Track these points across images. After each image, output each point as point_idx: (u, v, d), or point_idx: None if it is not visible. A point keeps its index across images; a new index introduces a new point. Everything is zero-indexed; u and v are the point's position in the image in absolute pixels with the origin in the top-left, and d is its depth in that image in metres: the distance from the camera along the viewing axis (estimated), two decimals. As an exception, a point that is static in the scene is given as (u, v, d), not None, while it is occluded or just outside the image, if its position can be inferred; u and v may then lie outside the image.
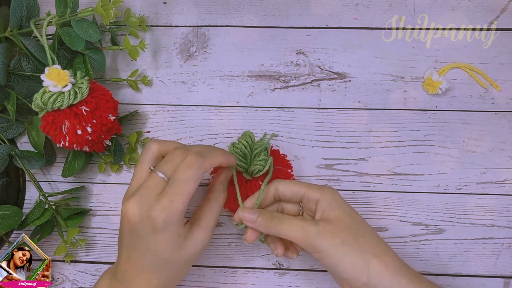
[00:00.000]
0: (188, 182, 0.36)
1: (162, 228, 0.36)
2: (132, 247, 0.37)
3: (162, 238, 0.36)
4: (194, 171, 0.36)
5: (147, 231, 0.36)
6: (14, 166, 0.48)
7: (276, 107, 0.50)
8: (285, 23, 0.51)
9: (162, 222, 0.35)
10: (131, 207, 0.36)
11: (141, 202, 0.36)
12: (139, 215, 0.36)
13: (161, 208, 0.35)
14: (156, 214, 0.35)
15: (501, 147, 0.48)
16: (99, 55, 0.48)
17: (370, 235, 0.39)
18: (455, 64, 0.49)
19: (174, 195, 0.36)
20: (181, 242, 0.37)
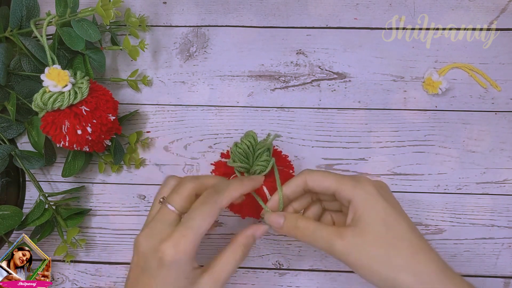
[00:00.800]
0: (203, 218, 0.34)
1: (170, 264, 0.33)
2: (135, 283, 0.35)
3: (167, 276, 0.33)
4: (209, 207, 0.34)
5: (153, 265, 0.34)
6: (14, 166, 0.48)
7: (276, 107, 0.50)
8: (285, 23, 0.51)
9: (170, 257, 0.33)
10: (141, 239, 0.35)
11: (150, 234, 0.35)
12: (148, 247, 0.34)
13: (172, 242, 0.33)
14: (165, 248, 0.33)
15: (501, 147, 0.48)
16: (99, 55, 0.48)
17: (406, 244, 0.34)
18: (455, 64, 0.49)
19: (187, 230, 0.34)
20: (187, 286, 0.34)
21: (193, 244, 0.34)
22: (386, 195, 0.36)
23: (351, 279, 0.48)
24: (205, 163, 0.49)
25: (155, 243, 0.34)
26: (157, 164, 0.50)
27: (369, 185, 0.35)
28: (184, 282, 0.34)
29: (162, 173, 0.50)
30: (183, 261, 0.33)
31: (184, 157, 0.50)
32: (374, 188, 0.35)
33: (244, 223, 0.49)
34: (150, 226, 0.35)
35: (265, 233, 0.38)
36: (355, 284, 0.47)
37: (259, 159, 0.42)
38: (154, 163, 0.50)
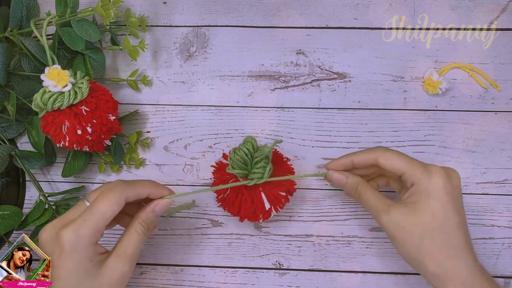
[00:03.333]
0: (107, 205, 0.35)
1: (70, 250, 0.33)
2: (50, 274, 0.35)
3: (70, 262, 0.34)
4: (114, 194, 0.35)
5: (55, 254, 0.34)
6: (14, 166, 0.48)
7: (276, 107, 0.50)
8: (285, 23, 0.51)
9: (69, 242, 0.33)
10: (44, 231, 0.35)
11: (54, 225, 0.35)
12: (50, 236, 0.35)
13: (72, 227, 0.34)
14: (63, 233, 0.34)
15: (501, 147, 0.48)
16: (99, 55, 0.48)
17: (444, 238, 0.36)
18: (455, 64, 0.49)
19: (89, 214, 0.34)
20: (93, 269, 0.34)
21: (94, 228, 0.34)
22: (450, 187, 0.37)
23: (351, 279, 0.48)
24: (205, 163, 0.49)
25: (56, 231, 0.34)
26: (157, 164, 0.50)
27: (437, 177, 0.37)
28: (88, 265, 0.34)
29: (162, 173, 0.50)
30: (84, 245, 0.34)
31: (184, 157, 0.50)
32: (441, 180, 0.37)
33: (243, 223, 0.49)
34: (59, 218, 0.36)
35: (168, 206, 0.39)
36: (355, 284, 0.47)
37: (256, 166, 0.42)
38: (154, 163, 0.50)
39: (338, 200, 0.48)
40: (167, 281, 0.48)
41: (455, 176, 0.38)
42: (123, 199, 0.36)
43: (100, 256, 0.35)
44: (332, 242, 0.48)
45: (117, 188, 0.36)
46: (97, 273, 0.34)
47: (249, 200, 0.42)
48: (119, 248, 0.36)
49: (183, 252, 0.49)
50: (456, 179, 0.38)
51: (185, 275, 0.48)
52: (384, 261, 0.48)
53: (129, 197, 0.36)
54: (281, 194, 0.43)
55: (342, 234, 0.48)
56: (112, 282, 0.35)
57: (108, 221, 0.35)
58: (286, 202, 0.44)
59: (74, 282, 0.34)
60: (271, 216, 0.43)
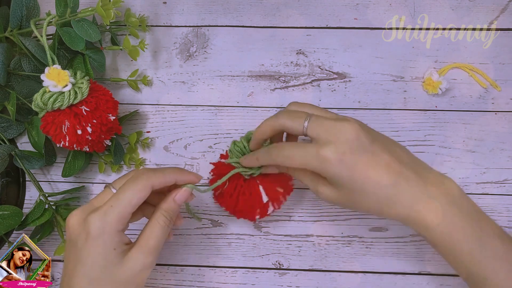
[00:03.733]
0: (133, 192, 0.35)
1: (96, 235, 0.34)
2: (67, 262, 0.35)
3: (94, 248, 0.34)
4: (140, 181, 0.35)
5: (81, 238, 0.34)
6: (14, 166, 0.48)
7: (276, 107, 0.50)
8: (285, 23, 0.51)
9: (97, 228, 0.34)
10: (71, 215, 0.35)
11: (83, 210, 0.35)
12: (77, 222, 0.35)
13: (99, 213, 0.34)
14: (91, 219, 0.34)
15: (501, 147, 0.48)
16: (99, 55, 0.48)
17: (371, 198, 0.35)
18: (455, 64, 0.49)
19: (115, 201, 0.35)
20: (116, 258, 0.34)
21: (121, 215, 0.34)
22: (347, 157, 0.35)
23: (351, 279, 0.48)
24: (205, 163, 0.49)
25: (84, 216, 0.35)
26: (157, 164, 0.50)
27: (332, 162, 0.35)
28: (112, 253, 0.34)
29: (162, 173, 0.50)
30: (110, 232, 0.34)
31: (184, 157, 0.50)
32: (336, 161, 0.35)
33: (243, 223, 0.49)
34: (87, 204, 0.36)
35: (187, 195, 0.38)
36: (355, 284, 0.47)
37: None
38: (154, 163, 0.50)
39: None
40: (167, 281, 0.48)
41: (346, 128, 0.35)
42: (149, 186, 0.36)
43: (124, 246, 0.35)
44: (332, 242, 0.48)
45: (143, 175, 0.36)
46: (119, 262, 0.34)
47: (247, 192, 0.42)
48: (142, 240, 0.36)
49: (183, 252, 0.49)
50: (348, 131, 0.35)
51: (185, 275, 0.48)
52: (384, 261, 0.48)
53: (155, 184, 0.36)
54: (279, 190, 0.43)
55: (342, 234, 0.48)
56: (133, 274, 0.34)
57: (134, 208, 0.35)
58: (284, 200, 0.44)
59: (97, 268, 0.34)
60: (268, 213, 0.43)
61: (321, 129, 0.36)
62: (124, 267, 0.34)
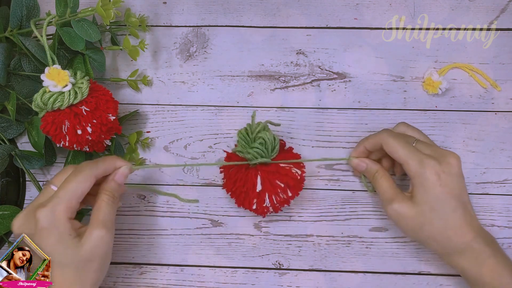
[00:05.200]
0: (77, 182, 0.37)
1: (48, 226, 0.36)
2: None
3: (50, 236, 0.36)
4: (83, 173, 0.38)
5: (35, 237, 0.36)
6: (14, 166, 0.48)
7: (276, 107, 0.50)
8: (285, 23, 0.51)
9: (46, 218, 0.36)
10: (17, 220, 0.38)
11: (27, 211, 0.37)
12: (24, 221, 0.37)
13: (47, 206, 0.36)
14: (39, 212, 0.36)
15: (501, 147, 0.48)
16: (99, 55, 0.48)
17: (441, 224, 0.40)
18: (455, 64, 0.49)
19: (61, 193, 0.36)
20: (74, 241, 0.36)
21: (68, 205, 0.36)
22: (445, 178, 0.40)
23: (351, 279, 0.48)
24: (205, 163, 0.49)
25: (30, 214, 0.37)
26: (157, 164, 0.50)
27: (430, 173, 0.40)
28: (69, 238, 0.36)
29: (162, 173, 0.50)
30: (61, 220, 0.36)
31: (184, 157, 0.50)
32: (434, 175, 0.39)
33: (243, 223, 0.49)
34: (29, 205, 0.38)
35: (126, 176, 0.41)
36: (355, 284, 0.47)
37: (251, 145, 0.42)
38: (154, 163, 0.50)
39: (338, 200, 0.48)
40: (167, 281, 0.48)
41: (453, 162, 0.40)
42: (93, 176, 0.38)
43: (78, 230, 0.38)
44: (332, 242, 0.48)
45: (87, 167, 0.38)
46: (78, 244, 0.36)
47: (243, 178, 0.42)
48: (92, 219, 0.38)
49: (183, 252, 0.49)
50: (455, 166, 0.40)
51: (185, 275, 0.48)
52: (384, 261, 0.48)
53: (98, 174, 0.39)
54: (278, 184, 0.42)
55: (342, 234, 0.48)
56: (92, 249, 0.37)
57: (81, 198, 0.37)
58: (286, 197, 0.42)
59: (59, 255, 0.36)
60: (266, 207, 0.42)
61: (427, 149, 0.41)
62: (84, 246, 0.37)
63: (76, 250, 0.36)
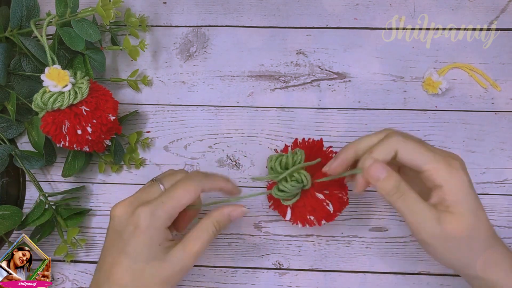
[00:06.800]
0: (185, 191, 0.35)
1: (145, 229, 0.34)
2: (109, 250, 0.35)
3: (143, 239, 0.34)
4: (193, 183, 0.36)
5: (128, 230, 0.34)
6: (14, 166, 0.48)
7: (276, 107, 0.50)
8: (285, 23, 0.51)
9: (146, 221, 0.34)
10: (120, 206, 0.36)
11: (131, 202, 0.36)
12: (125, 212, 0.35)
13: (150, 207, 0.34)
14: (141, 212, 0.34)
15: (501, 147, 0.48)
16: (99, 55, 0.48)
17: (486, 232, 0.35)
18: (455, 64, 0.49)
19: (167, 198, 0.35)
20: (160, 253, 0.34)
21: (170, 213, 0.35)
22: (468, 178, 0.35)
23: (351, 279, 0.48)
24: (205, 163, 0.49)
25: (132, 208, 0.35)
26: (157, 164, 0.50)
27: (463, 174, 0.34)
28: (157, 249, 0.34)
29: (162, 173, 0.50)
30: (158, 227, 0.34)
31: (184, 157, 0.50)
32: (466, 176, 0.34)
33: (243, 223, 0.49)
34: (134, 196, 0.36)
35: (242, 216, 0.38)
36: (355, 284, 0.47)
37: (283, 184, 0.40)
38: (154, 163, 0.50)
39: (338, 200, 0.49)
40: None
41: (463, 161, 0.36)
42: (200, 190, 0.36)
43: (168, 243, 0.35)
44: (332, 242, 0.48)
45: (196, 177, 0.37)
46: (162, 258, 0.34)
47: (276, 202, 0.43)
48: (188, 242, 0.36)
49: (183, 252, 0.49)
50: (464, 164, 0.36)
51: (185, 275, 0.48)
52: (384, 261, 0.48)
53: (204, 188, 0.37)
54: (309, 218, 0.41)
55: (342, 234, 0.48)
56: (173, 273, 0.35)
57: (182, 208, 0.36)
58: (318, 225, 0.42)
59: (143, 260, 0.34)
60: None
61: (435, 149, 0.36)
62: (166, 263, 0.34)
63: (158, 264, 0.34)
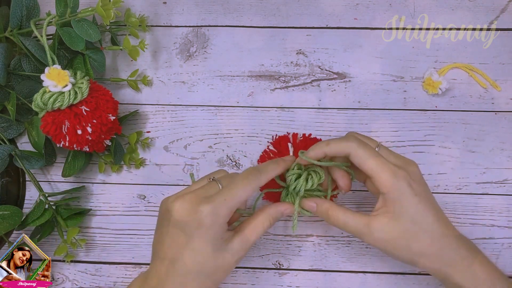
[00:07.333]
0: (244, 189, 0.37)
1: (209, 225, 0.35)
2: (171, 246, 0.36)
3: (205, 236, 0.35)
4: (250, 181, 0.37)
5: (191, 226, 0.35)
6: (14, 166, 0.48)
7: (276, 107, 0.50)
8: (285, 23, 0.51)
9: (209, 217, 0.35)
10: (182, 202, 0.36)
11: (191, 199, 0.36)
12: (187, 210, 0.35)
13: (213, 205, 0.35)
14: (205, 209, 0.35)
15: (501, 147, 0.48)
16: (99, 55, 0.48)
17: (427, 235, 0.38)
18: (455, 64, 0.49)
19: (229, 195, 0.36)
20: (222, 246, 0.36)
21: (231, 209, 0.36)
22: (416, 187, 0.38)
23: (351, 279, 0.48)
24: (205, 163, 0.49)
25: (193, 205, 0.35)
26: (157, 164, 0.50)
27: (405, 184, 0.37)
28: (219, 242, 0.36)
29: (162, 173, 0.50)
30: (220, 223, 0.36)
31: (184, 157, 0.50)
32: (409, 186, 0.37)
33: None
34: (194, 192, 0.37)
35: (291, 214, 0.41)
36: (355, 284, 0.47)
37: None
38: (154, 163, 0.50)
39: (338, 200, 0.48)
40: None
41: (415, 170, 0.39)
42: (258, 187, 0.38)
43: (227, 234, 0.37)
44: (332, 242, 0.48)
45: (255, 175, 0.38)
46: (224, 249, 0.36)
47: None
48: (245, 233, 0.38)
49: (183, 252, 0.49)
50: (417, 173, 0.39)
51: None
52: (384, 261, 0.48)
53: (260, 185, 0.38)
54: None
55: (342, 234, 0.48)
56: (233, 261, 0.37)
57: (240, 205, 0.38)
58: None
59: (207, 255, 0.36)
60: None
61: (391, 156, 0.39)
62: (227, 254, 0.37)
63: (220, 255, 0.36)
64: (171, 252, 0.36)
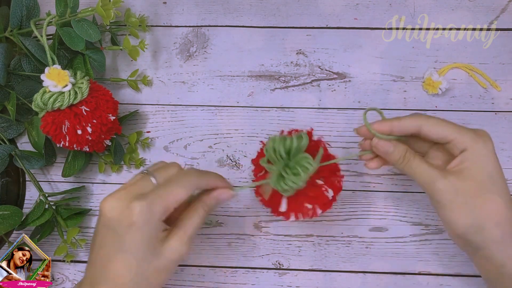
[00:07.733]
0: (181, 186, 0.35)
1: (141, 224, 0.33)
2: (102, 247, 0.34)
3: (138, 236, 0.33)
4: (189, 179, 0.36)
5: (123, 225, 0.33)
6: (14, 166, 0.48)
7: (276, 107, 0.50)
8: (285, 23, 0.51)
9: (142, 215, 0.33)
10: (110, 201, 0.34)
11: (122, 196, 0.34)
12: (117, 208, 0.33)
13: (145, 202, 0.33)
14: (136, 206, 0.33)
15: (501, 147, 0.48)
16: (99, 55, 0.48)
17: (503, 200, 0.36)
18: (455, 64, 0.49)
19: (164, 192, 0.34)
20: (157, 246, 0.34)
21: (166, 208, 0.34)
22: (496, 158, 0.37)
23: (351, 279, 0.48)
24: (205, 163, 0.49)
25: (126, 203, 0.33)
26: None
27: (490, 142, 0.37)
28: (154, 241, 0.34)
29: (162, 173, 0.50)
30: (154, 221, 0.34)
31: (184, 157, 0.50)
32: (491, 143, 0.37)
33: (243, 223, 0.49)
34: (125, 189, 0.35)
35: (229, 199, 0.39)
36: (355, 284, 0.47)
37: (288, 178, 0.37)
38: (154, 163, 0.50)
39: (338, 200, 0.48)
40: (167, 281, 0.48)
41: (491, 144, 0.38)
42: (195, 186, 0.36)
43: (163, 233, 0.35)
44: (332, 242, 0.48)
45: (193, 174, 0.36)
46: (159, 250, 0.34)
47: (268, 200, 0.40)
48: (181, 229, 0.36)
49: (183, 252, 0.49)
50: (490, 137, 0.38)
51: (185, 275, 0.48)
52: (384, 261, 0.48)
53: (199, 186, 0.37)
54: (306, 206, 0.38)
55: (342, 234, 0.48)
56: (171, 261, 0.35)
57: (178, 204, 0.35)
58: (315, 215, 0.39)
59: (140, 255, 0.33)
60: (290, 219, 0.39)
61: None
62: (163, 255, 0.34)
63: (155, 256, 0.34)
64: (101, 254, 0.34)
